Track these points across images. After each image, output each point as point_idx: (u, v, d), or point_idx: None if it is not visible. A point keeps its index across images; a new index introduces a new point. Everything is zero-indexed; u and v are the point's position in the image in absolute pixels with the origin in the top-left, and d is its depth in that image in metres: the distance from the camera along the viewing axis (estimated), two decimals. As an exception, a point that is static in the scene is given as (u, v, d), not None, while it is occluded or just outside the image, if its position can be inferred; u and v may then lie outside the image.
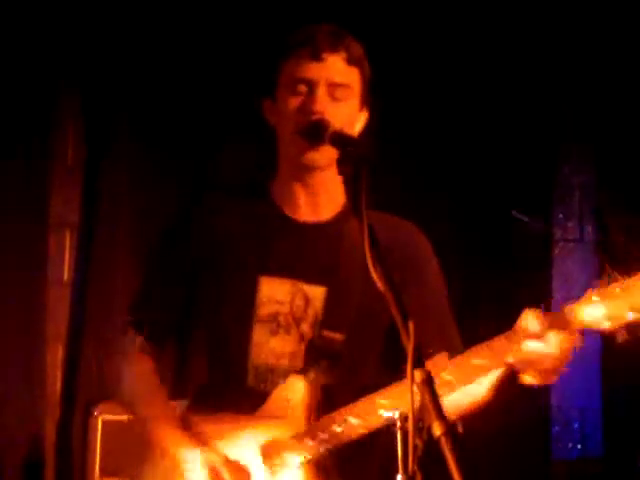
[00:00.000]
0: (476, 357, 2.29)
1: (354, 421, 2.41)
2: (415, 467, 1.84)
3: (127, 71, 4.45)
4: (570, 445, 4.78)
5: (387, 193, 2.33)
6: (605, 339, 4.81)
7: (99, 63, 4.43)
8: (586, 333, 2.29)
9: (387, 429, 2.08)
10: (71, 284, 4.40)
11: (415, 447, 1.84)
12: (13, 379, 4.18)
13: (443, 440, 1.81)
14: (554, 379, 2.29)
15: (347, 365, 2.59)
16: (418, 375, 1.88)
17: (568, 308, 2.22)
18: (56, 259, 4.41)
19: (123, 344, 2.75)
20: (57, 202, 4.43)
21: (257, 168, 2.83)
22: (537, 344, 2.22)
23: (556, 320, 2.22)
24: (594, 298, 2.17)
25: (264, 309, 2.58)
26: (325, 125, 2.45)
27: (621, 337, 2.18)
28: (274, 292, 2.58)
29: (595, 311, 2.18)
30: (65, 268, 4.43)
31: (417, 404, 1.84)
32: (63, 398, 4.29)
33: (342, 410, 2.44)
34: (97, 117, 4.50)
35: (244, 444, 2.52)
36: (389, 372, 2.47)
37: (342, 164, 2.29)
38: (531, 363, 2.25)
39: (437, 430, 1.82)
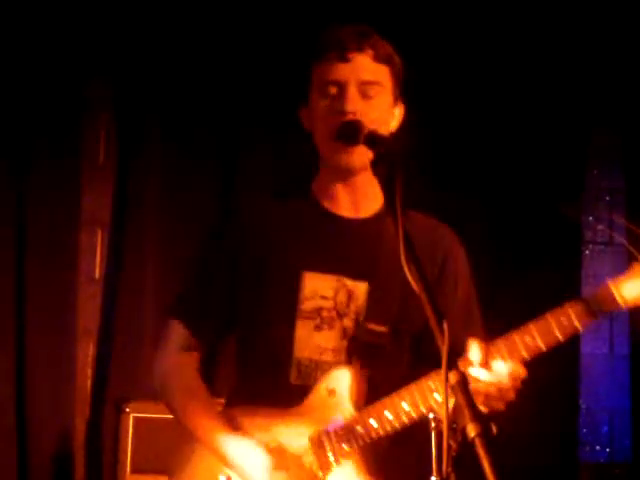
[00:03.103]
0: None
1: (405, 405, 2.45)
2: (449, 468, 1.85)
3: (159, 71, 4.47)
4: (598, 448, 4.76)
5: (419, 193, 2.33)
6: (635, 342, 4.78)
7: (132, 62, 4.45)
8: (616, 336, 2.36)
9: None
10: (102, 281, 4.43)
11: (449, 448, 1.85)
12: (44, 375, 4.21)
13: (477, 441, 1.81)
14: (501, 406, 2.38)
15: (390, 357, 2.61)
16: (452, 376, 1.88)
17: (613, 283, 2.32)
18: (87, 256, 4.44)
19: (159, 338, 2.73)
20: (88, 200, 4.46)
21: (300, 169, 2.83)
22: (480, 372, 2.31)
23: (504, 348, 2.36)
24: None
25: (308, 304, 2.59)
26: (359, 126, 2.46)
27: None
28: (318, 287, 2.59)
29: None
30: (96, 265, 4.47)
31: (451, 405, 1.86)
32: (93, 395, 4.32)
33: (393, 395, 2.47)
34: (129, 116, 4.52)
35: (291, 437, 2.53)
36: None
37: (377, 165, 2.29)
38: (476, 390, 2.29)
39: (471, 431, 1.82)
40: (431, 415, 1.95)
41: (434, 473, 1.89)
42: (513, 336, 2.39)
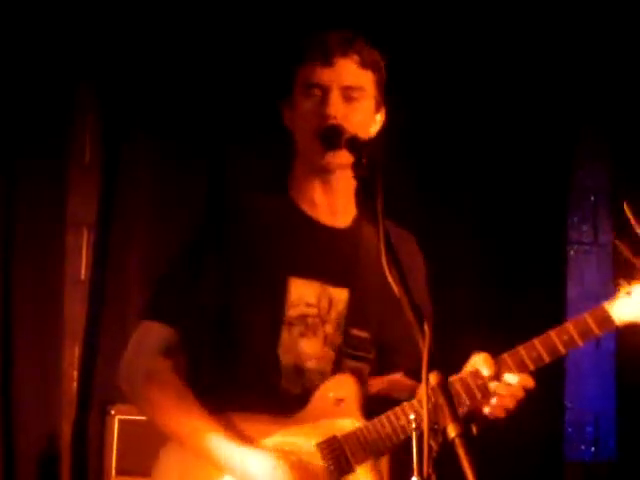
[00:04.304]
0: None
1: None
2: (430, 469, 1.86)
3: (144, 71, 4.47)
4: (583, 447, 4.77)
5: (398, 200, 2.36)
6: (619, 341, 4.81)
7: (117, 62, 4.45)
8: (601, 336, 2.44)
9: None
10: (88, 282, 4.41)
11: (430, 449, 1.86)
12: (30, 377, 4.20)
13: (457, 442, 1.83)
14: (503, 415, 2.54)
15: (374, 363, 2.65)
16: (433, 378, 1.90)
17: (609, 305, 2.46)
18: (73, 258, 4.42)
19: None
20: (74, 201, 4.44)
21: (274, 167, 2.85)
22: (497, 384, 2.48)
23: (510, 362, 2.50)
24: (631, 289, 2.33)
25: (294, 311, 2.60)
26: (340, 130, 2.50)
27: None
28: (303, 294, 2.60)
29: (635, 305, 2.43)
30: (82, 267, 4.45)
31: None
32: (79, 397, 4.31)
33: (404, 404, 2.49)
34: (114, 116, 4.52)
35: (297, 444, 2.53)
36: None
37: (357, 169, 2.31)
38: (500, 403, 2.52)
39: (452, 432, 1.84)
40: (412, 416, 1.97)
41: (415, 474, 1.90)
42: (519, 351, 2.50)
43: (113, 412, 3.86)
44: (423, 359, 1.90)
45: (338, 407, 2.55)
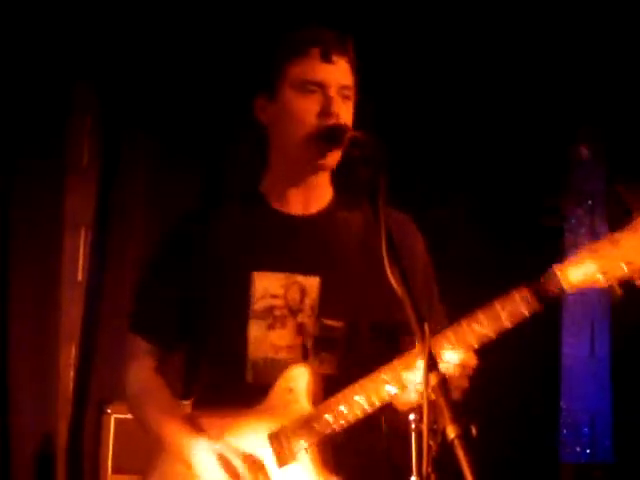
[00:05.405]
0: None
1: (358, 399, 2.44)
2: (429, 469, 1.86)
3: (143, 71, 4.48)
4: (579, 449, 4.77)
5: (402, 188, 2.36)
6: (616, 343, 4.81)
7: (115, 64, 4.46)
8: (597, 337, 2.38)
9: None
10: (85, 284, 4.43)
11: (429, 449, 1.87)
12: (26, 377, 4.21)
13: (456, 443, 1.83)
14: (457, 395, 2.36)
15: (348, 351, 2.62)
16: (433, 378, 1.90)
17: (557, 267, 2.26)
18: (70, 259, 4.44)
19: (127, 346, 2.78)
20: (72, 202, 4.45)
21: (250, 165, 2.85)
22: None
23: (453, 337, 2.32)
24: (584, 255, 2.21)
25: (259, 304, 2.61)
26: (344, 129, 2.49)
27: (615, 295, 2.20)
28: (268, 286, 2.61)
29: (586, 268, 2.21)
30: (79, 268, 4.46)
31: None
32: (75, 396, 4.33)
33: (346, 390, 2.47)
34: (112, 116, 4.52)
35: (250, 436, 2.55)
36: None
37: (361, 166, 2.31)
38: None
39: (451, 433, 1.85)
40: (412, 416, 1.97)
41: (414, 474, 1.90)
42: (462, 324, 2.34)
43: (109, 411, 3.87)
44: (423, 360, 1.91)
45: (289, 396, 2.56)
